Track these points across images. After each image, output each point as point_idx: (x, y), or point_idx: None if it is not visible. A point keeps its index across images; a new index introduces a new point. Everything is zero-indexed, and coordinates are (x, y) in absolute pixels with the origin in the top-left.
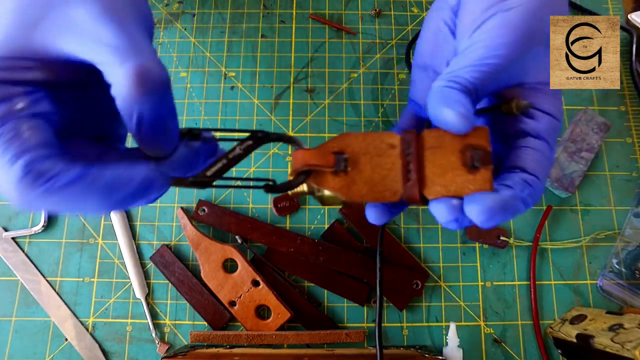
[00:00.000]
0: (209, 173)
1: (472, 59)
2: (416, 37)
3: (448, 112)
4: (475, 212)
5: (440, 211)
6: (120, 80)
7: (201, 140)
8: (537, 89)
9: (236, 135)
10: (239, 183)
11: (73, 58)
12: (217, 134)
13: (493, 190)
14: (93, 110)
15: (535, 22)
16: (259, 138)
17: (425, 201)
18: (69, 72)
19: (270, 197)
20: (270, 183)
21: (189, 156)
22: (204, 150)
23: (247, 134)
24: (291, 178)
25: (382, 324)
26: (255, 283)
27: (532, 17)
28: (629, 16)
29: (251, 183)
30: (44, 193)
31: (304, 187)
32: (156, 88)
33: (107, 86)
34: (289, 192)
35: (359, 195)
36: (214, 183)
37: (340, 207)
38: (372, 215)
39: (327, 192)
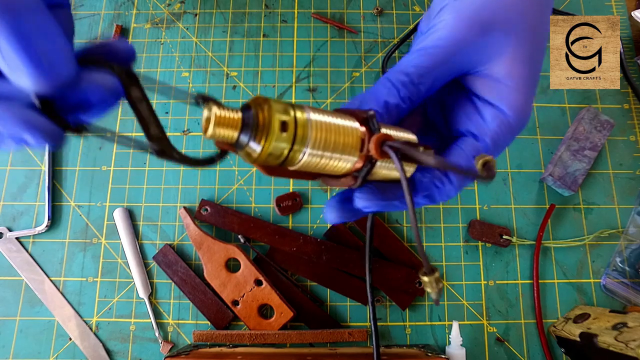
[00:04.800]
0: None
1: (415, 47)
2: (394, 49)
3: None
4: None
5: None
6: None
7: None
8: (494, 79)
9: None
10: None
11: None
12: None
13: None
14: None
15: (494, 9)
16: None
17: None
18: None
19: (272, 197)
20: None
21: (95, 90)
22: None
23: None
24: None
25: (386, 323)
26: (258, 282)
27: (489, 3)
28: (632, 13)
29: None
30: None
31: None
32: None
33: None
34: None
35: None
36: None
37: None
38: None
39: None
